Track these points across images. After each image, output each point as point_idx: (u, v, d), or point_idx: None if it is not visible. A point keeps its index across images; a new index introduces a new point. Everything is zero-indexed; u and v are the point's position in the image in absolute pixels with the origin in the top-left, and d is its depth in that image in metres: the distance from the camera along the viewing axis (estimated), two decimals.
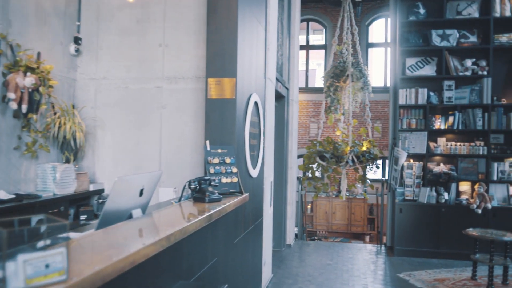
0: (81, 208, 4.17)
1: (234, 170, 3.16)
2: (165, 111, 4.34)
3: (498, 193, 6.73)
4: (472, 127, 6.75)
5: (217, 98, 3.36)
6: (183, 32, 4.29)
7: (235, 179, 3.14)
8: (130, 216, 2.04)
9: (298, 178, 8.27)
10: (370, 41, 13.85)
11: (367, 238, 13.26)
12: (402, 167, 6.78)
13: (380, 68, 13.91)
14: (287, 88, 6.78)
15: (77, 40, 4.43)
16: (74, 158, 4.25)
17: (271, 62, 4.76)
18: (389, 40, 13.79)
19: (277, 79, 5.82)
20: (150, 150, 4.36)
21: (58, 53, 4.27)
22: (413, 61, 6.95)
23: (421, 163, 6.88)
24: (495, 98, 6.78)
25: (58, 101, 4.19)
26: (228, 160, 3.15)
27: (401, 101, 6.89)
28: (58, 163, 3.99)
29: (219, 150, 3.16)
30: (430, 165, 6.89)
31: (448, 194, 6.70)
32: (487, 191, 6.58)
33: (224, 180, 3.09)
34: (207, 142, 3.15)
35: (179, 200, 2.73)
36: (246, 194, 3.19)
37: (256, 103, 3.98)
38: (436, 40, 6.81)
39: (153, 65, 4.39)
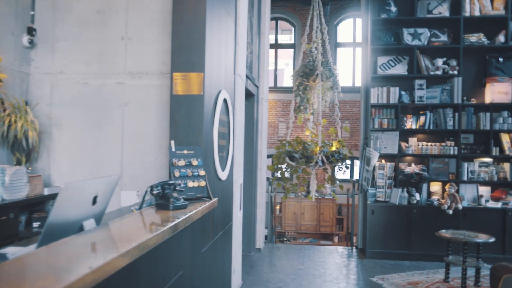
0: (34, 214, 3.81)
1: (202, 173, 2.90)
2: (127, 109, 4.04)
3: (468, 193, 6.71)
4: (443, 127, 6.70)
5: (183, 94, 3.09)
6: (148, 24, 4.00)
7: (202, 183, 2.89)
8: (81, 229, 1.76)
9: (267, 178, 8.07)
10: (338, 41, 13.80)
11: (336, 239, 13.20)
12: (374, 167, 6.67)
13: (348, 68, 13.88)
14: (256, 86, 6.55)
15: (31, 31, 4.07)
16: (26, 159, 3.89)
17: (241, 58, 4.52)
18: (357, 40, 13.89)
19: (246, 77, 5.58)
20: (111, 151, 4.04)
21: (8, 44, 3.90)
22: (385, 59, 6.85)
23: (393, 163, 6.78)
24: (465, 98, 6.75)
25: (8, 97, 3.82)
26: (195, 162, 2.89)
27: (373, 100, 6.78)
28: (8, 165, 3.62)
29: (185, 151, 2.90)
30: (402, 166, 6.81)
31: (420, 195, 6.63)
32: (457, 191, 6.54)
33: (190, 184, 2.83)
34: (172, 142, 2.87)
35: (140, 207, 2.46)
36: (214, 199, 2.93)
37: (225, 100, 3.73)
38: (407, 38, 6.72)
39: (115, 59, 4.08)
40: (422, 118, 6.71)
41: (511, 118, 6.70)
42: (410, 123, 6.79)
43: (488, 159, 6.75)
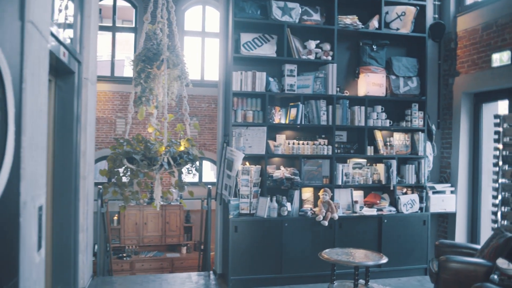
0: None
1: None
2: None
3: (342, 200, 5.76)
4: (316, 122, 5.62)
5: None
6: None
7: None
8: None
9: (97, 184, 6.25)
10: (186, 29, 12.33)
11: (184, 250, 11.87)
12: (237, 172, 5.28)
13: (196, 59, 12.53)
14: (78, 61, 4.66)
15: None
16: None
17: None
18: (207, 30, 12.60)
19: (58, 41, 3.72)
20: None
21: None
22: (250, 37, 5.51)
23: (259, 166, 5.48)
24: (337, 89, 5.79)
25: None
26: None
27: (235, 87, 5.39)
28: None
29: None
30: (270, 169, 5.54)
31: (291, 204, 5.45)
32: (332, 198, 5.53)
33: None
34: None
35: None
36: None
37: None
38: (276, 13, 5.48)
39: None
40: (293, 111, 5.54)
41: (385, 114, 5.95)
42: (279, 117, 5.57)
43: (362, 160, 5.89)
